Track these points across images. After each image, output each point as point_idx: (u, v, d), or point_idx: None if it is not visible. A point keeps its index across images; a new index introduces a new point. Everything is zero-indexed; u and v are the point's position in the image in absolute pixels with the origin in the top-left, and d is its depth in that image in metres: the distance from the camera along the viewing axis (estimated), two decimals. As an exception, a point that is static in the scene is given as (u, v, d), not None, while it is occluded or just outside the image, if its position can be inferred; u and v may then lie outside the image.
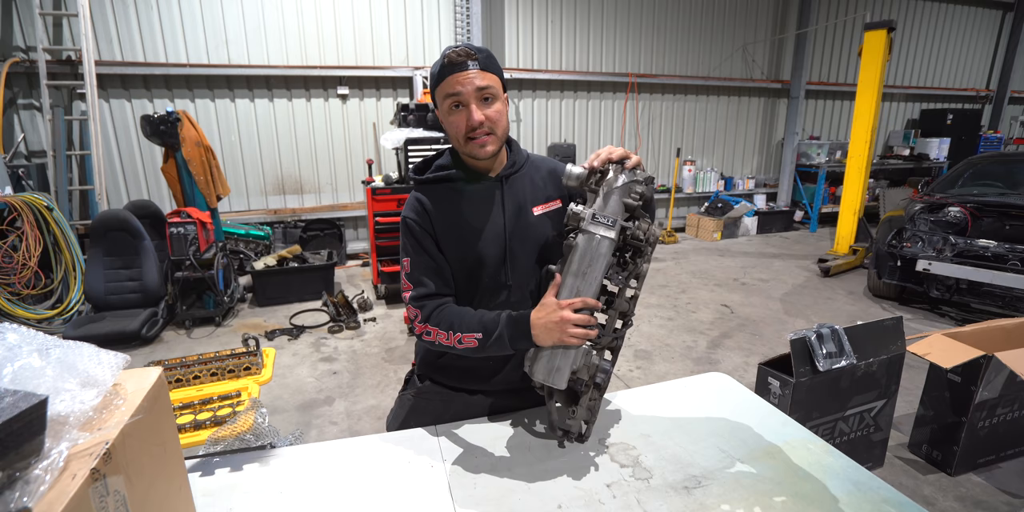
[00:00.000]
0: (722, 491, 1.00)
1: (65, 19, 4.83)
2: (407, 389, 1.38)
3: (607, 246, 1.01)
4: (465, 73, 1.08)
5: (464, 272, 1.21)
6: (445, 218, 1.19)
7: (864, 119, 5.68)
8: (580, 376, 1.05)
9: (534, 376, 1.05)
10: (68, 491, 0.53)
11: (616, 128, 7.23)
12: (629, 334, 3.94)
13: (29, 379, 0.59)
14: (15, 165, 4.74)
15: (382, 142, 4.46)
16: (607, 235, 1.00)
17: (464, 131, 1.12)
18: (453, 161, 1.23)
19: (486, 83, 1.09)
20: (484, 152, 1.14)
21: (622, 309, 1.08)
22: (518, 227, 1.20)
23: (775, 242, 7.09)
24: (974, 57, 9.42)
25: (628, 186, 1.03)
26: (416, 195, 1.22)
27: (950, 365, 2.11)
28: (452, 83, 1.09)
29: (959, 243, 4.00)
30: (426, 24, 5.97)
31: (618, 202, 1.02)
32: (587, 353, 1.05)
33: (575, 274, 1.02)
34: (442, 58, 1.10)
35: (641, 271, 1.06)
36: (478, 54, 1.10)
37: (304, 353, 3.67)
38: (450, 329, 1.12)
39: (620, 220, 1.01)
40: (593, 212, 1.02)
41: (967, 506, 2.13)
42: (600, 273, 1.01)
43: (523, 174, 1.24)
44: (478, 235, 1.19)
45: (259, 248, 5.44)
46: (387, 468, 1.09)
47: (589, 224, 1.01)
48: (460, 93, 1.09)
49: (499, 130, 1.14)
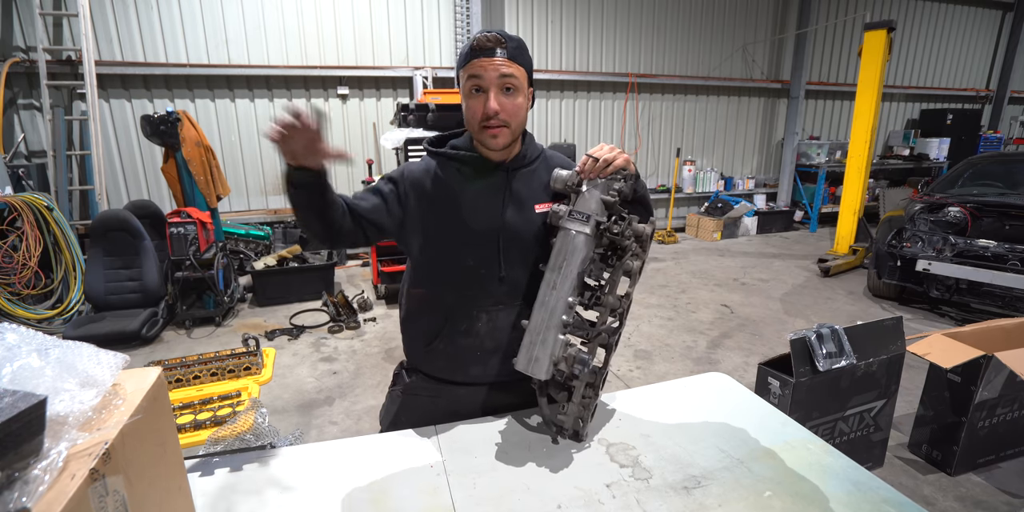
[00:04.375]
0: (722, 491, 1.00)
1: (65, 19, 4.83)
2: (397, 384, 1.37)
3: (582, 241, 1.05)
4: (492, 59, 1.06)
5: (450, 247, 1.19)
6: (443, 194, 1.19)
7: (864, 119, 5.68)
8: (560, 367, 1.07)
9: (516, 365, 1.08)
10: (67, 491, 0.53)
11: (616, 128, 7.23)
12: (629, 334, 3.94)
13: (28, 379, 0.59)
14: (15, 165, 4.74)
15: (382, 142, 4.46)
16: (581, 230, 1.05)
17: (479, 118, 1.11)
18: (467, 142, 1.23)
19: (510, 72, 1.08)
20: (495, 143, 1.14)
21: (612, 305, 1.09)
22: (515, 220, 1.19)
23: (775, 242, 7.09)
24: (974, 57, 9.42)
25: (606, 184, 1.08)
26: (427, 160, 1.24)
27: (950, 365, 2.11)
28: (476, 66, 1.07)
29: (959, 243, 4.00)
30: (426, 24, 5.97)
31: (596, 199, 1.07)
32: (566, 344, 1.08)
33: (552, 268, 1.07)
34: (472, 40, 1.08)
35: (630, 267, 1.07)
36: (508, 42, 1.08)
37: (304, 353, 3.67)
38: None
39: (596, 216, 1.05)
40: (570, 209, 1.07)
41: (967, 506, 2.13)
42: (575, 267, 1.05)
43: (533, 169, 1.23)
44: (473, 217, 1.18)
45: (259, 248, 5.44)
46: (387, 468, 1.09)
47: (566, 221, 1.07)
48: (482, 77, 1.07)
49: (514, 123, 1.13)
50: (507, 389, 1.26)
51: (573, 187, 1.10)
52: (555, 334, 1.05)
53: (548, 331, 1.05)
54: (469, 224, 1.18)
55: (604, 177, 1.08)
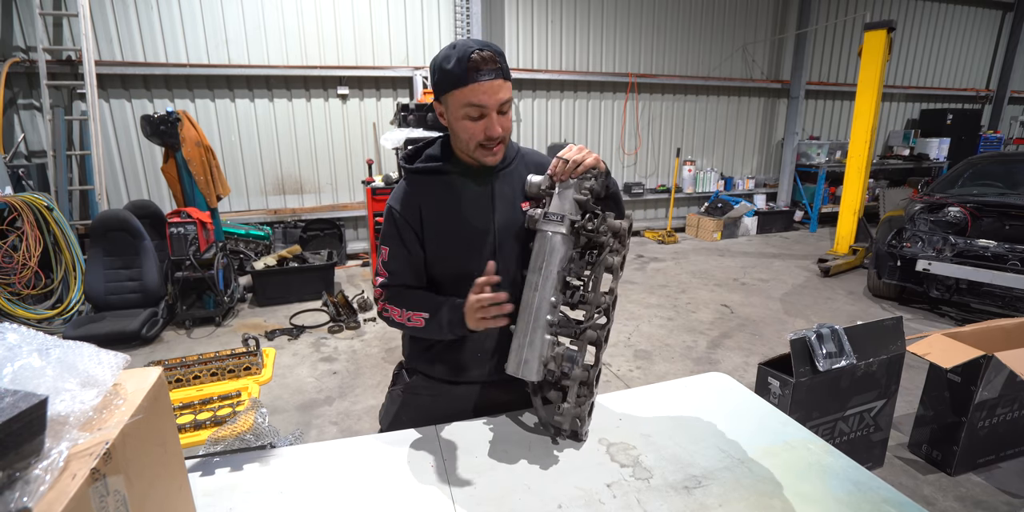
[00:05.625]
0: (722, 491, 1.00)
1: (65, 19, 4.83)
2: (396, 384, 1.37)
3: (559, 241, 1.07)
4: (491, 82, 1.03)
5: (453, 264, 1.20)
6: (433, 211, 1.19)
7: (864, 119, 5.68)
8: (551, 367, 1.07)
9: (507, 369, 1.08)
10: (68, 491, 0.53)
11: (616, 128, 7.23)
12: (629, 334, 3.94)
13: (29, 379, 0.59)
14: (15, 165, 4.74)
15: (382, 142, 4.46)
16: (557, 230, 1.07)
17: (481, 139, 1.10)
18: (443, 153, 1.22)
19: (508, 96, 1.08)
20: (494, 160, 1.15)
21: (597, 302, 1.09)
22: (507, 223, 1.20)
23: (775, 242, 7.09)
24: (974, 57, 9.42)
25: (578, 183, 1.10)
26: (405, 186, 1.22)
27: (950, 365, 2.11)
28: (477, 92, 1.03)
29: (959, 243, 4.00)
30: (426, 24, 5.97)
31: (570, 200, 1.09)
32: (553, 344, 1.08)
33: (532, 270, 1.09)
34: (463, 59, 1.01)
35: (610, 263, 1.08)
36: (500, 61, 1.05)
37: (304, 353, 3.67)
38: (404, 307, 1.18)
39: (570, 216, 1.07)
40: (544, 211, 1.09)
41: (967, 506, 2.13)
42: (555, 267, 1.07)
43: (513, 169, 1.23)
44: (467, 229, 1.19)
45: (259, 248, 5.44)
46: (387, 468, 1.09)
47: (541, 223, 1.09)
48: (485, 106, 1.05)
49: (508, 137, 1.15)
50: (507, 387, 1.26)
51: (546, 190, 1.12)
52: (542, 334, 1.06)
53: (534, 332, 1.06)
54: (463, 232, 1.19)
55: (575, 177, 1.09)
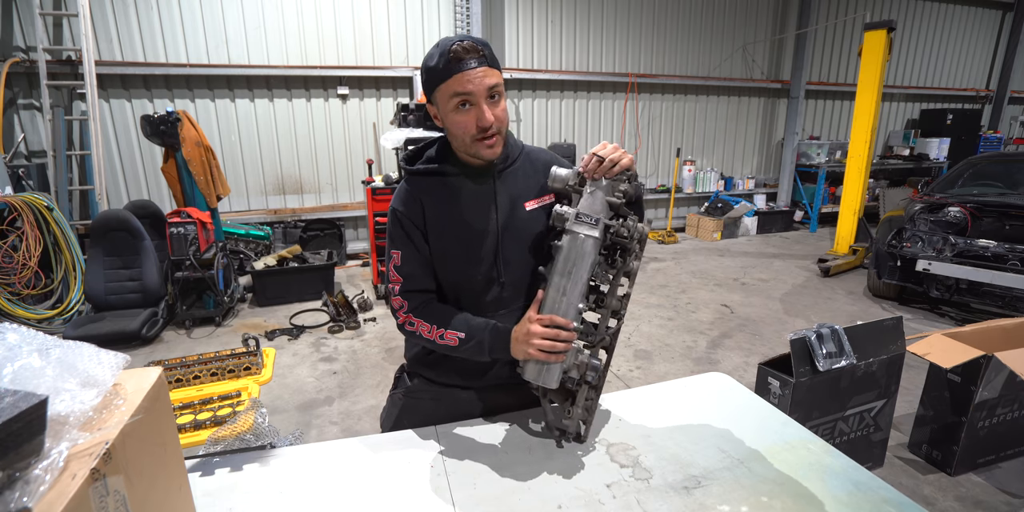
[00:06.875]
0: (722, 491, 1.00)
1: (65, 19, 4.82)
2: (398, 387, 1.37)
3: (591, 245, 1.02)
4: (474, 70, 1.01)
5: (454, 266, 1.18)
6: (436, 212, 1.16)
7: (864, 119, 5.68)
8: (571, 374, 1.05)
9: (525, 375, 1.06)
10: (68, 491, 0.53)
11: (616, 128, 7.23)
12: (629, 334, 3.94)
13: (29, 379, 0.59)
14: (15, 165, 4.73)
15: (382, 142, 4.46)
16: (591, 234, 1.02)
17: (474, 132, 1.06)
18: (444, 153, 1.20)
19: (495, 81, 1.05)
20: (492, 153, 1.10)
21: (613, 308, 1.08)
22: (511, 223, 1.17)
23: (775, 242, 7.08)
24: (974, 57, 9.42)
25: (611, 184, 1.04)
26: (406, 187, 1.20)
27: (950, 365, 2.11)
28: (462, 81, 1.02)
29: (959, 243, 4.00)
30: (426, 24, 5.97)
31: (602, 201, 1.03)
32: (576, 352, 1.05)
33: (561, 273, 1.03)
34: (445, 52, 1.01)
35: (631, 269, 1.06)
36: (484, 49, 1.03)
37: (304, 353, 3.67)
38: (435, 323, 1.14)
39: (604, 219, 1.02)
40: (577, 212, 1.03)
41: (967, 506, 2.13)
42: (586, 272, 1.02)
43: (517, 168, 1.20)
44: (470, 231, 1.16)
45: (259, 248, 5.44)
46: (387, 468, 1.09)
47: (573, 224, 1.03)
48: (471, 93, 1.02)
49: (504, 128, 1.11)
50: (508, 391, 1.26)
51: (574, 187, 1.06)
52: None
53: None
54: (466, 234, 1.17)
55: (609, 177, 1.04)
